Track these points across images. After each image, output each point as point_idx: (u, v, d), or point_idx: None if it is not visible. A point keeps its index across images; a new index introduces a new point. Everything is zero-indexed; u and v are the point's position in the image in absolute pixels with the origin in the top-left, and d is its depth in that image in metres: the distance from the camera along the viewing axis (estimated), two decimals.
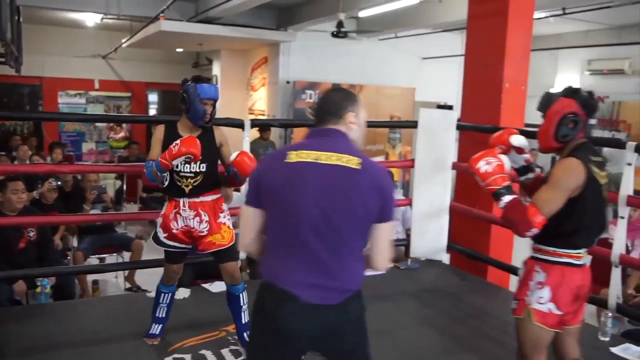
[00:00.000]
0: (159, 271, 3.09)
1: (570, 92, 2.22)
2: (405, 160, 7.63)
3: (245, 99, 10.56)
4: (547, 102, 2.25)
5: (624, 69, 8.41)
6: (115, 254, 5.32)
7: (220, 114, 3.14)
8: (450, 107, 4.25)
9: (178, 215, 2.85)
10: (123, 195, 7.74)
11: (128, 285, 5.26)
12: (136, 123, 13.45)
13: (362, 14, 7.89)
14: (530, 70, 4.50)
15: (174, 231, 2.86)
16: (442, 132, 4.31)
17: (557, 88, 2.36)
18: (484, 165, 2.24)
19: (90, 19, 9.44)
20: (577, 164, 2.12)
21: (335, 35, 7.19)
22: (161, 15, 7.19)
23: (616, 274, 3.29)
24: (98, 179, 5.88)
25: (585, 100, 2.19)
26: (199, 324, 3.25)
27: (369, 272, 1.82)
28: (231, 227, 2.93)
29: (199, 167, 2.82)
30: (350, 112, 1.84)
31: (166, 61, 12.36)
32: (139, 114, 12.08)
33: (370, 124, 7.39)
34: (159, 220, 2.91)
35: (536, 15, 6.29)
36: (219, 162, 2.98)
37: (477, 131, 4.30)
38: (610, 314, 3.23)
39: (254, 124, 3.94)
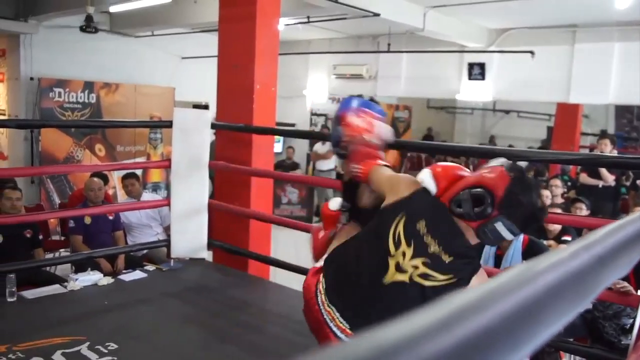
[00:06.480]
0: None
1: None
2: (161, 160, 7.52)
3: None
4: None
5: (362, 74, 9.52)
6: None
7: None
8: (206, 107, 4.32)
9: None
10: None
11: None
12: None
13: (114, 9, 7.54)
14: (284, 72, 4.82)
15: None
16: (197, 131, 4.36)
17: (310, 89, 2.35)
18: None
19: None
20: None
21: (84, 30, 6.75)
22: None
23: None
24: None
25: None
26: None
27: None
28: None
29: None
30: None
31: None
32: None
33: (125, 124, 7.00)
34: None
35: (285, 21, 6.76)
36: None
37: (230, 130, 4.46)
38: None
39: None
